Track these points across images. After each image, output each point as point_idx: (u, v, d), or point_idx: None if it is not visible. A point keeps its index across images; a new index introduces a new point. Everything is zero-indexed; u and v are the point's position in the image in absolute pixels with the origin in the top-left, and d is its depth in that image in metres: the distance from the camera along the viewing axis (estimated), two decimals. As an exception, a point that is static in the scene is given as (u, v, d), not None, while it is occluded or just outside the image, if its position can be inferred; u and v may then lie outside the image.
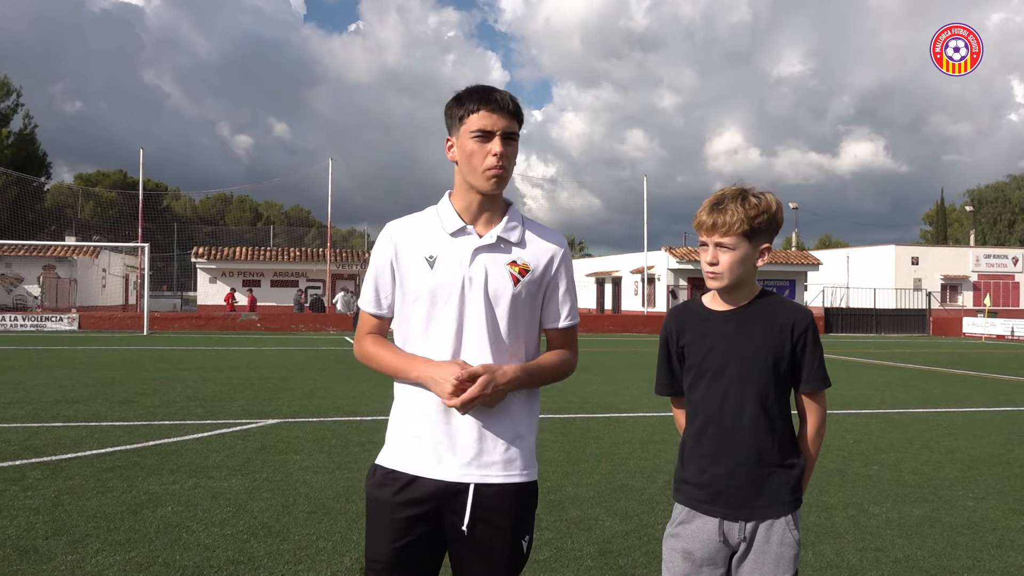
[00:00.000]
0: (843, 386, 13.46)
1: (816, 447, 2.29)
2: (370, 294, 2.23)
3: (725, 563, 2.23)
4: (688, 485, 2.27)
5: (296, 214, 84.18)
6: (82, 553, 4.27)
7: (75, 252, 39.32)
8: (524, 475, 2.17)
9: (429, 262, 2.14)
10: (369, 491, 2.20)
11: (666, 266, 40.63)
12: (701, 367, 2.25)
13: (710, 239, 2.21)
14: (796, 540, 2.20)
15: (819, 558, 4.44)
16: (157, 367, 14.77)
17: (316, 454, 6.94)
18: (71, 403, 9.77)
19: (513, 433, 2.16)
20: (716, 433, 2.22)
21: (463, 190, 2.18)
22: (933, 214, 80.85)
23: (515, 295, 2.14)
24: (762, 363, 2.19)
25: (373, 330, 2.25)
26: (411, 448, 2.15)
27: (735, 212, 2.17)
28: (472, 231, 2.16)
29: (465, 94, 2.14)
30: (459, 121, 2.13)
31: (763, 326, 2.22)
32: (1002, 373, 16.86)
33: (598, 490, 5.85)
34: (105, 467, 6.29)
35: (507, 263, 2.15)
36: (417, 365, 2.12)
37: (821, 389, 2.25)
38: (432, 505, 2.12)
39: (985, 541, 4.83)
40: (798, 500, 2.23)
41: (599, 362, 17.82)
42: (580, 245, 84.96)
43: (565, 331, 2.27)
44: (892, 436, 8.49)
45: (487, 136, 2.09)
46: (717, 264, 2.20)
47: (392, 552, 2.12)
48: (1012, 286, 51.57)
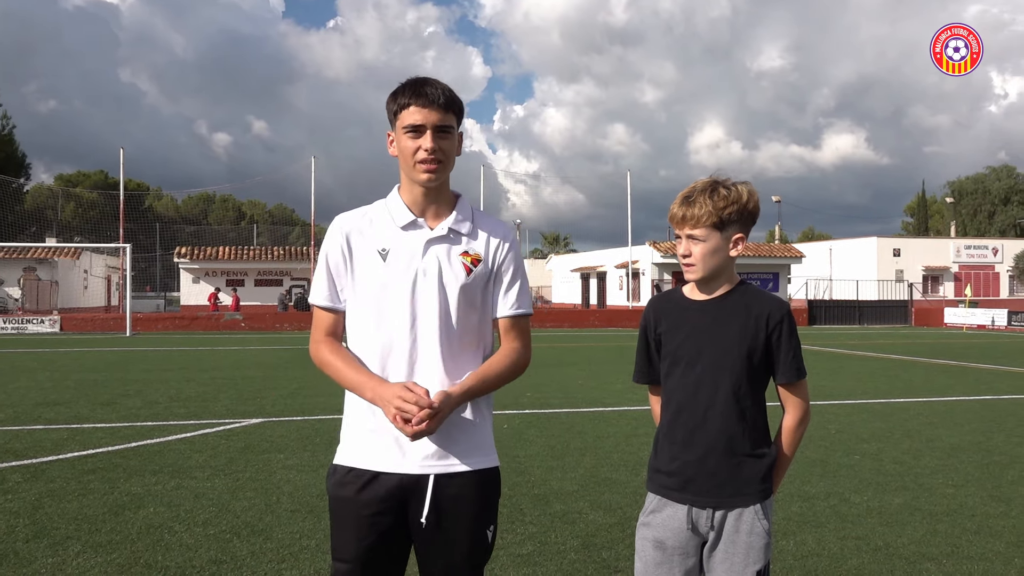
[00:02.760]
0: (826, 377, 13.56)
1: (794, 439, 2.29)
2: (324, 288, 2.19)
3: (696, 552, 2.24)
4: (659, 473, 2.29)
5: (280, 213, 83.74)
6: (63, 555, 4.24)
7: (56, 254, 38.97)
8: (486, 461, 2.18)
9: (382, 255, 2.14)
10: (332, 491, 2.18)
11: (650, 260, 40.71)
12: (676, 355, 2.27)
13: (682, 231, 2.24)
14: (766, 530, 2.20)
15: (800, 547, 4.47)
16: (140, 368, 14.67)
17: (300, 453, 6.92)
18: (52, 405, 9.69)
19: (471, 422, 2.17)
20: (688, 420, 2.23)
21: (408, 184, 2.19)
22: (914, 206, 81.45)
23: (468, 285, 2.15)
24: (736, 353, 2.21)
25: (330, 330, 2.21)
26: (370, 444, 2.14)
27: (703, 204, 2.19)
28: (423, 224, 2.17)
29: (399, 89, 2.14)
30: (394, 116, 2.14)
31: (739, 316, 2.23)
32: (982, 362, 17.03)
33: (582, 484, 5.87)
34: (87, 469, 6.25)
35: (459, 254, 2.16)
36: (371, 386, 2.09)
37: (795, 380, 2.25)
38: (396, 500, 2.12)
39: (964, 528, 4.88)
40: (768, 490, 2.24)
41: (584, 357, 17.86)
42: (565, 240, 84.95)
43: (516, 320, 2.24)
44: (874, 426, 8.56)
45: (419, 131, 2.10)
46: (690, 256, 2.23)
47: (360, 551, 2.12)
48: (992, 276, 52.08)
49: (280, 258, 41.10)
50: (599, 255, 49.86)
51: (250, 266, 40.62)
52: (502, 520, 4.90)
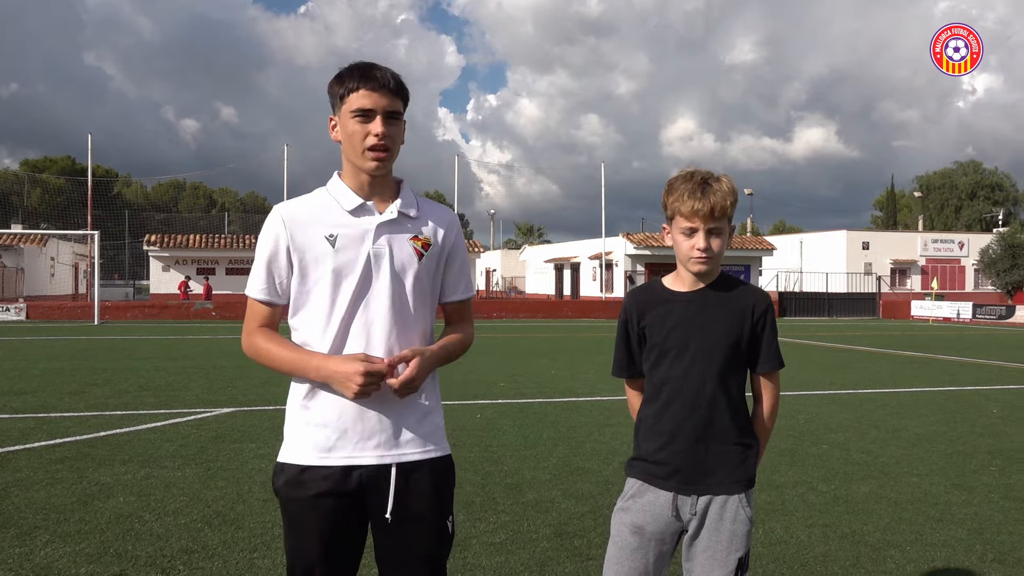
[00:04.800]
0: (795, 368, 13.73)
1: (769, 427, 2.34)
2: (261, 281, 2.11)
3: (673, 540, 2.26)
4: (644, 462, 2.29)
5: (251, 201, 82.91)
6: (31, 545, 4.19)
7: (22, 240, 38.29)
8: (440, 450, 2.17)
9: (330, 241, 2.07)
10: (284, 492, 2.09)
11: (624, 252, 40.90)
12: (664, 347, 2.27)
13: (703, 224, 2.17)
14: (749, 517, 2.24)
15: (769, 535, 4.54)
16: (108, 357, 14.48)
17: (272, 442, 6.88)
18: (18, 395, 9.55)
19: (423, 410, 2.15)
20: (677, 411, 2.24)
21: (352, 170, 2.13)
22: (883, 200, 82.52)
23: (420, 269, 2.14)
24: (724, 343, 2.22)
25: (264, 322, 2.13)
26: (320, 437, 2.07)
27: (725, 195, 2.17)
28: (372, 208, 2.11)
29: (346, 72, 2.07)
30: (340, 100, 2.08)
31: (725, 307, 2.25)
32: (947, 354, 17.34)
33: (555, 473, 5.91)
34: (54, 459, 6.17)
35: (409, 238, 2.14)
36: (314, 363, 2.03)
37: (777, 369, 2.30)
38: (354, 493, 2.06)
39: (928, 515, 4.98)
40: (752, 479, 2.27)
41: (557, 347, 17.92)
42: (539, 231, 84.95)
43: (462, 304, 2.30)
44: (842, 416, 8.70)
45: (368, 115, 2.05)
46: (709, 249, 2.19)
47: (321, 549, 2.06)
48: (958, 270, 52.95)
49: (252, 246, 40.66)
50: (573, 246, 49.99)
51: (221, 254, 40.21)
52: (475, 509, 4.92)
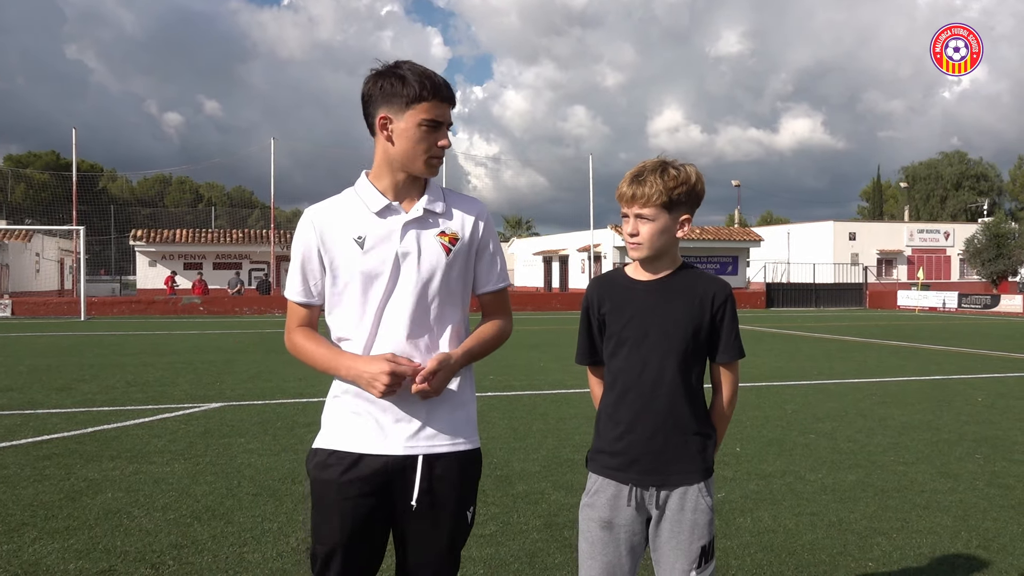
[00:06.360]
0: (783, 358, 13.81)
1: (727, 416, 2.36)
2: (297, 283, 2.19)
3: (643, 529, 2.27)
4: (602, 454, 2.30)
5: (238, 195, 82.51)
6: (18, 542, 4.18)
7: (6, 236, 37.94)
8: (470, 443, 2.20)
9: (359, 243, 2.12)
10: (314, 474, 2.16)
11: (612, 244, 40.94)
12: (622, 335, 2.28)
13: (630, 210, 2.24)
14: (709, 506, 2.25)
15: (757, 523, 4.58)
16: (95, 353, 14.41)
17: (261, 436, 6.87)
18: (4, 391, 9.48)
19: (455, 402, 2.19)
20: (635, 400, 2.25)
21: (389, 170, 2.15)
22: (870, 191, 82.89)
23: (449, 264, 2.15)
24: (682, 333, 2.24)
25: (303, 321, 2.22)
26: (353, 426, 2.14)
27: (654, 184, 2.20)
28: (399, 208, 2.15)
29: (412, 76, 2.07)
30: (405, 104, 2.07)
31: (684, 297, 2.26)
32: (933, 344, 17.47)
33: (544, 465, 5.93)
34: (41, 455, 6.14)
35: (436, 234, 2.16)
36: (345, 362, 2.10)
37: (736, 359, 2.31)
38: (380, 482, 2.11)
39: (913, 503, 5.03)
40: (710, 468, 2.28)
41: (547, 340, 17.95)
42: (527, 224, 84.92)
43: (498, 294, 2.30)
44: (829, 406, 8.76)
45: (437, 127, 2.11)
46: (638, 235, 2.25)
47: (343, 535, 2.11)
48: (944, 260, 53.33)
49: (239, 241, 40.45)
50: (561, 238, 49.98)
51: (208, 249, 39.96)
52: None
